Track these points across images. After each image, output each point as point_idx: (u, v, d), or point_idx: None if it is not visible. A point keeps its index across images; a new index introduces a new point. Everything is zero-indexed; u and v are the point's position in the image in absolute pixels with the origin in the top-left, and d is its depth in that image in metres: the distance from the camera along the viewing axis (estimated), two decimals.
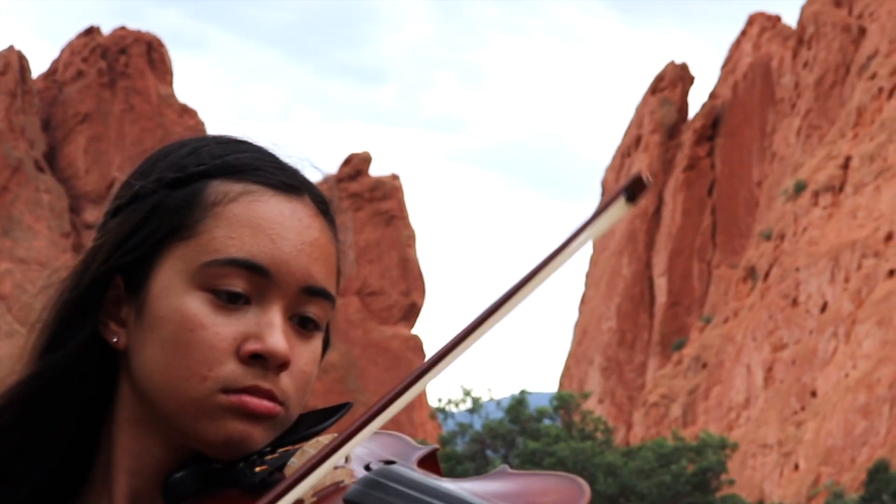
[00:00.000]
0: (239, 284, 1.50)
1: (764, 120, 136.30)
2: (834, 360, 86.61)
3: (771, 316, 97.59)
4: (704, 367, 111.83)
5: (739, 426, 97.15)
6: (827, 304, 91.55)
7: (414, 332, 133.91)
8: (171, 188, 1.54)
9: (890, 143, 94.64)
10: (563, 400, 55.17)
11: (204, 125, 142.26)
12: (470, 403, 58.55)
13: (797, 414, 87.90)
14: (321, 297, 1.54)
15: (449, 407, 59.24)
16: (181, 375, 1.50)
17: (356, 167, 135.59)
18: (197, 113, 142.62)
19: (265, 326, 1.50)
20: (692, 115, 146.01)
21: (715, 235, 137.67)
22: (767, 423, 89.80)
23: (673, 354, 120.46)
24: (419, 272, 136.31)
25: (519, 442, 54.61)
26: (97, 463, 1.59)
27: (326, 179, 1.62)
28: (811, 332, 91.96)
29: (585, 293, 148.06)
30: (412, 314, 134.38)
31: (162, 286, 1.52)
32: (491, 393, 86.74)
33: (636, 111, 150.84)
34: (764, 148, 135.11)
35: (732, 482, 56.83)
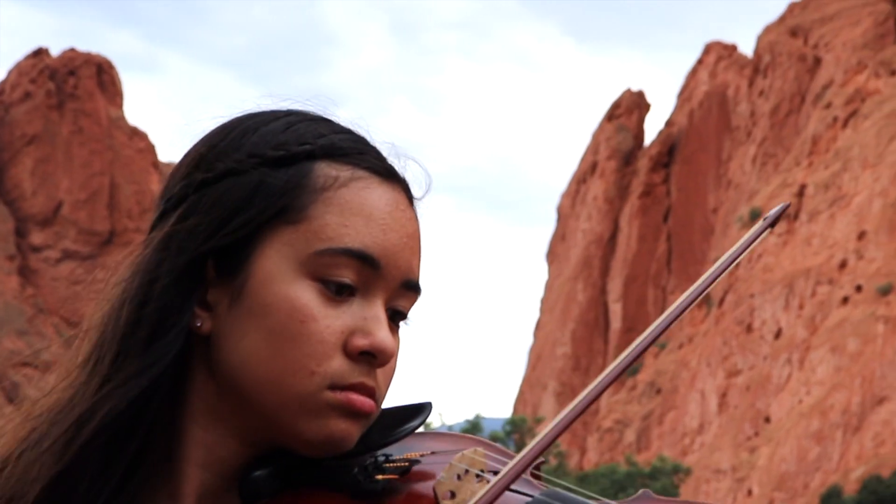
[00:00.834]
0: (349, 275, 1.43)
1: (720, 147, 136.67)
2: (788, 386, 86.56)
3: (725, 342, 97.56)
4: (659, 392, 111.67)
5: (693, 451, 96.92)
6: (781, 330, 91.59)
7: None
8: (271, 167, 1.45)
9: (844, 171, 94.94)
10: (516, 424, 54.83)
11: (155, 148, 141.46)
12: (422, 429, 57.89)
13: (751, 440, 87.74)
14: (416, 291, 1.49)
15: None
16: (287, 368, 1.41)
17: None
18: (147, 135, 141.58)
19: (372, 321, 1.43)
20: (648, 142, 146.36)
21: (670, 262, 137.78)
22: (721, 448, 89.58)
23: (627, 380, 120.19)
24: None
25: None
26: (150, 457, 1.44)
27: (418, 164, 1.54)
28: (765, 358, 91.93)
29: (540, 318, 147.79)
30: None
31: (267, 272, 1.42)
32: (442, 418, 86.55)
33: (592, 138, 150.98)
34: (720, 175, 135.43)
35: None
